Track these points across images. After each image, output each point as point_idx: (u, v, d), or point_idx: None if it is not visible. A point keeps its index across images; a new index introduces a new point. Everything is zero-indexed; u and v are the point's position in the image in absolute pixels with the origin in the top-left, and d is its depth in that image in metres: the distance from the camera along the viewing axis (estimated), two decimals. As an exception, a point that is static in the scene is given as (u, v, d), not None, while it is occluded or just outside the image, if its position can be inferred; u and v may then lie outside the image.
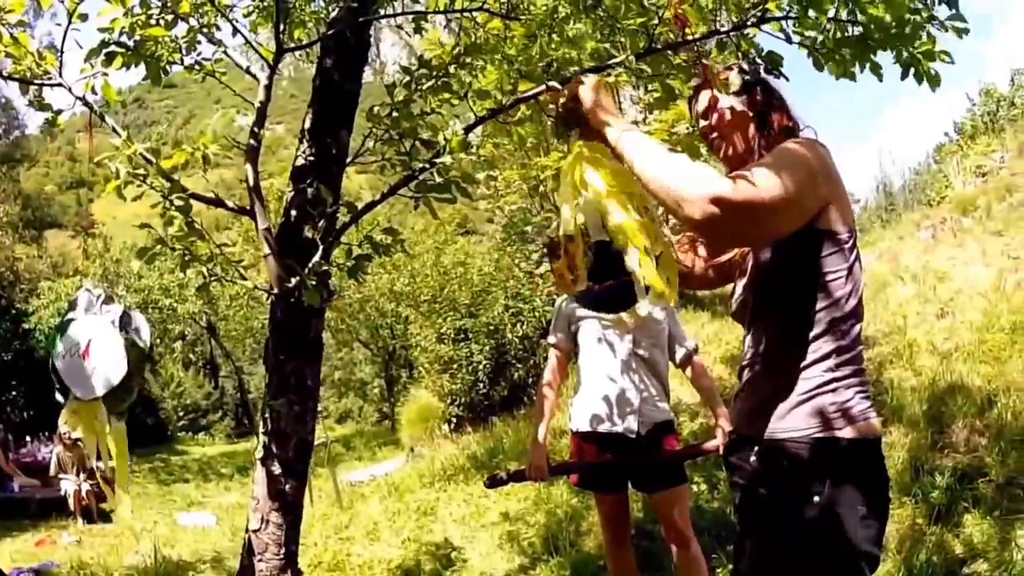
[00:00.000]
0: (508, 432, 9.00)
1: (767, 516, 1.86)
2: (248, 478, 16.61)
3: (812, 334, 1.81)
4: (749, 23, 2.59)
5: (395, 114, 2.70)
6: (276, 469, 2.73)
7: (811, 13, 2.45)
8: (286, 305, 2.75)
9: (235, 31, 3.17)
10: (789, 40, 2.60)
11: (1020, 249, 7.46)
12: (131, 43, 2.82)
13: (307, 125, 3.03)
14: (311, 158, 2.94)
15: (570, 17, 2.98)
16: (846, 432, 1.76)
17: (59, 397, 3.86)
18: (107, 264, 22.25)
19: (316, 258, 2.62)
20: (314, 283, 2.52)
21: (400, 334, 20.74)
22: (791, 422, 1.81)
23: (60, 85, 2.80)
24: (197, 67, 3.14)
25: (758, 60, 2.55)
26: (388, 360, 23.79)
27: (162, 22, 2.84)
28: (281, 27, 2.90)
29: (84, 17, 2.72)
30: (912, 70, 2.55)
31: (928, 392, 5.34)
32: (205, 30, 3.03)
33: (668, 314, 3.96)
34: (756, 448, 1.89)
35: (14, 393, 18.50)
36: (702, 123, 2.16)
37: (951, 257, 7.82)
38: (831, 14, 2.42)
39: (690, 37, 2.47)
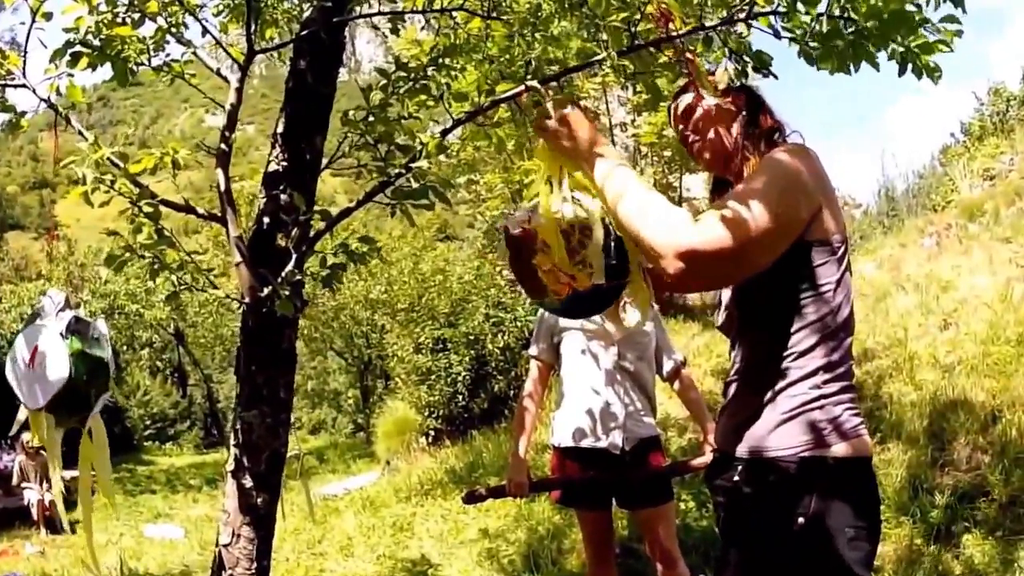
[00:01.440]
0: (488, 446, 8.96)
1: (751, 534, 1.84)
2: (217, 490, 16.50)
3: (800, 348, 1.79)
4: (736, 19, 2.54)
5: (371, 118, 2.69)
6: (248, 482, 2.71)
7: (800, 7, 2.44)
8: (258, 315, 2.73)
9: (204, 31, 3.13)
10: (778, 36, 2.55)
11: (1031, 254, 7.35)
12: (97, 43, 2.77)
13: (280, 129, 2.97)
14: (284, 163, 2.89)
15: (554, 16, 2.95)
16: (837, 449, 1.74)
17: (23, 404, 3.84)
18: (71, 268, 22.05)
19: (289, 267, 2.60)
20: (287, 293, 2.52)
21: (376, 343, 20.61)
22: (778, 439, 1.78)
23: (24, 86, 2.76)
24: (165, 68, 3.10)
25: (746, 59, 2.54)
26: (363, 370, 23.67)
27: (129, 21, 2.78)
28: (252, 27, 2.88)
29: (48, 16, 2.69)
30: (910, 65, 2.51)
31: (929, 407, 5.28)
32: (174, 30, 2.99)
33: (655, 325, 3.94)
34: (741, 465, 1.87)
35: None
36: (681, 128, 2.15)
37: (956, 265, 7.71)
38: (822, 8, 2.39)
39: (674, 33, 2.44)
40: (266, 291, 2.56)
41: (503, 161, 11.23)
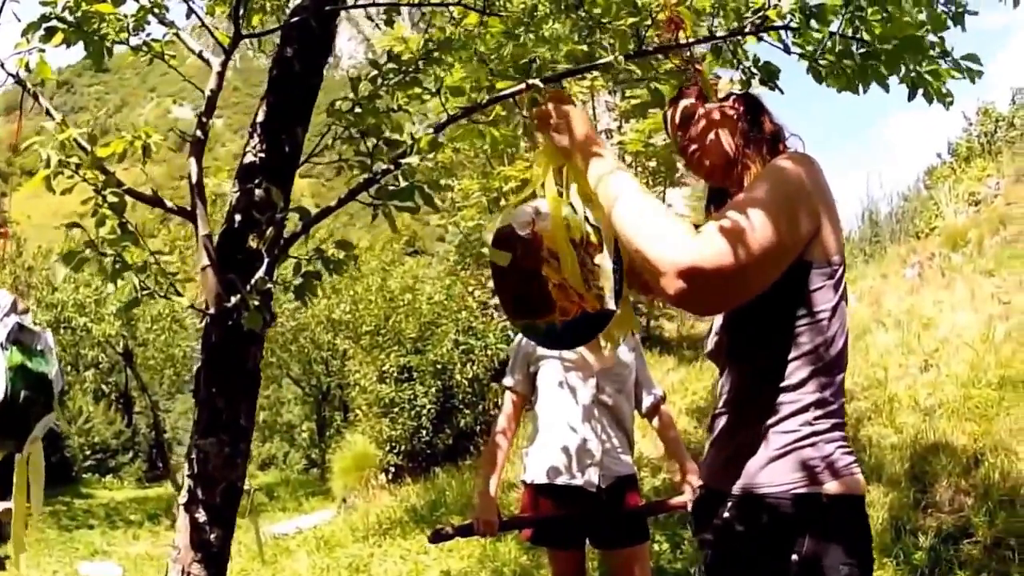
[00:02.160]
0: (452, 484, 8.86)
1: (743, 573, 1.81)
2: (159, 526, 16.12)
3: (793, 381, 1.77)
4: (746, 31, 2.58)
5: (358, 109, 2.60)
6: (201, 516, 2.58)
7: (813, 24, 2.46)
8: (223, 328, 2.61)
9: (190, 11, 3.05)
10: (788, 51, 2.60)
11: (1012, 292, 7.53)
12: (73, 19, 2.67)
13: (259, 119, 2.88)
14: (261, 155, 2.80)
15: (549, 17, 2.95)
16: (831, 487, 1.72)
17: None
18: (18, 272, 21.10)
19: (260, 273, 2.49)
20: (256, 303, 2.40)
21: (336, 370, 20.22)
22: (770, 476, 1.77)
23: (-9, 59, 2.65)
24: (145, 48, 3.00)
25: (753, 71, 2.56)
26: (321, 400, 23.29)
27: (110, -2, 2.72)
28: (240, 10, 2.80)
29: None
30: (920, 90, 2.57)
31: (910, 450, 5.36)
32: (156, 10, 2.90)
33: (636, 356, 3.91)
34: (731, 502, 1.84)
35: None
36: (679, 136, 2.12)
37: (938, 301, 7.86)
38: (834, 27, 2.43)
39: (683, 41, 2.44)
40: (233, 300, 2.43)
41: (481, 166, 11.12)
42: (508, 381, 3.92)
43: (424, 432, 10.25)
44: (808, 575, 1.70)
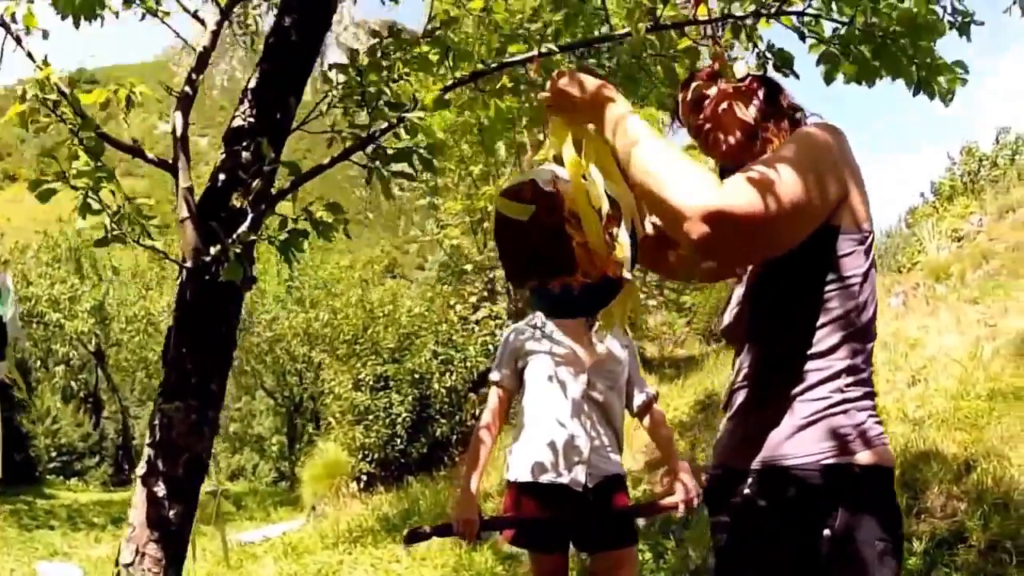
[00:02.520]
0: (425, 493, 8.62)
1: (768, 554, 1.63)
2: (123, 530, 15.59)
3: (822, 348, 1.63)
4: (766, 13, 2.56)
5: (359, 73, 2.43)
6: (160, 489, 2.32)
7: (835, 8, 2.49)
8: (199, 284, 2.37)
9: None
10: (803, 37, 2.60)
11: (998, 317, 7.44)
12: None
13: (251, 85, 2.79)
14: (251, 120, 2.64)
15: None
16: (863, 457, 1.58)
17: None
18: None
19: (245, 226, 2.29)
20: (237, 253, 2.18)
21: (310, 382, 19.94)
22: (796, 446, 1.61)
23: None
24: (138, 3, 2.85)
25: (768, 55, 2.57)
26: (293, 411, 22.89)
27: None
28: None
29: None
30: (924, 87, 2.62)
31: (900, 459, 5.18)
32: None
33: (629, 354, 3.70)
34: (752, 478, 1.67)
35: None
36: (692, 118, 1.97)
37: (923, 325, 7.76)
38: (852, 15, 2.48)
39: (702, 17, 2.36)
40: (213, 251, 2.21)
41: (468, 188, 10.95)
42: (495, 376, 3.69)
43: (399, 440, 9.95)
44: (841, 552, 1.54)
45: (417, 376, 10.01)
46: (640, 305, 3.06)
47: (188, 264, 2.35)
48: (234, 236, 2.25)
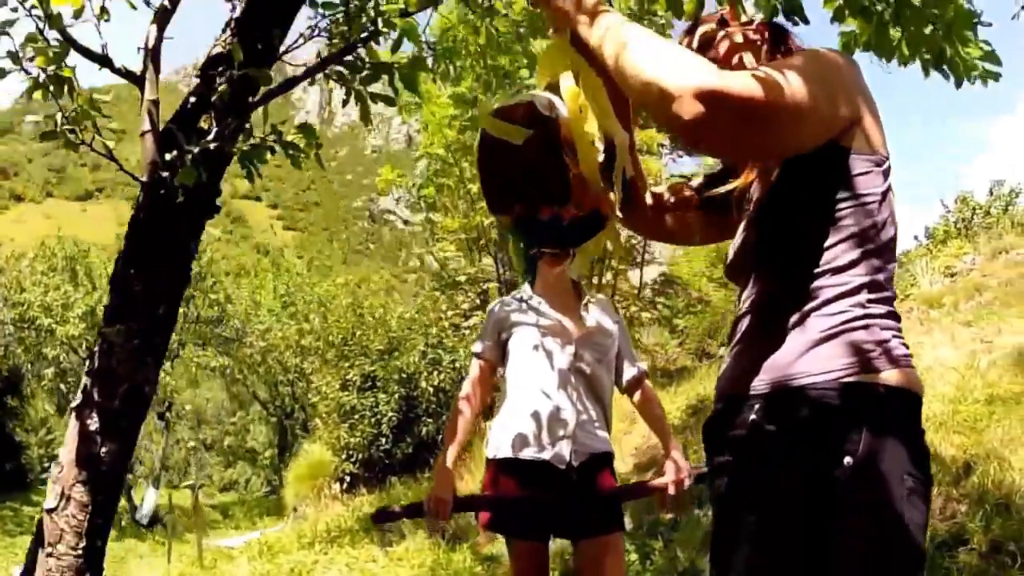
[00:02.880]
0: (408, 495, 8.26)
1: (778, 485, 1.36)
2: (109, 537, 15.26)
3: (838, 264, 1.42)
4: None
5: None
6: (93, 423, 2.05)
7: None
8: (154, 200, 2.14)
9: None
10: None
11: (992, 335, 7.24)
12: None
13: (235, 15, 2.60)
14: (229, 47, 2.43)
15: None
16: (888, 376, 1.35)
17: None
18: None
19: (212, 137, 2.07)
20: (194, 157, 1.95)
21: (302, 393, 19.69)
22: (810, 363, 1.37)
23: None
24: None
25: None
26: (284, 419, 22.56)
27: None
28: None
29: None
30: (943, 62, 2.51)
31: None
32: None
33: (620, 330, 3.44)
34: (759, 403, 1.42)
35: None
36: None
37: (918, 342, 7.53)
38: None
39: None
40: (169, 157, 1.99)
41: (466, 207, 10.76)
42: (477, 347, 3.42)
43: (384, 440, 9.61)
44: (861, 483, 1.29)
45: (404, 375, 9.69)
46: (620, 242, 2.81)
47: (143, 178, 2.11)
48: (198, 146, 2.02)
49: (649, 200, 1.85)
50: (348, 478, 9.73)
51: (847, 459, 1.29)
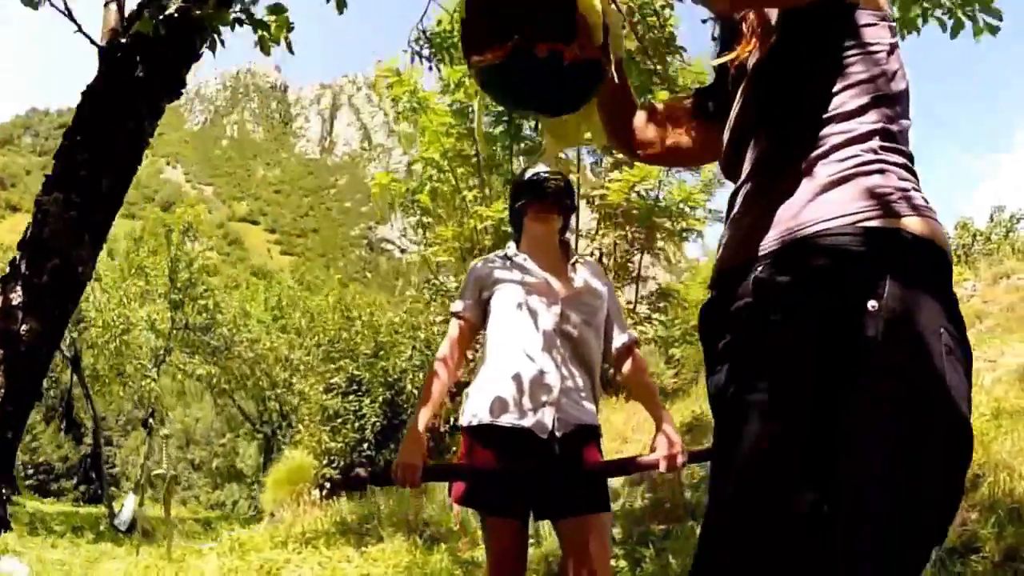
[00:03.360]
0: (389, 502, 7.92)
1: (787, 343, 1.12)
2: (82, 539, 14.81)
3: (846, 111, 1.25)
4: None
5: None
6: (16, 297, 1.77)
7: None
8: (112, 67, 1.91)
9: None
10: None
11: (996, 356, 7.04)
12: None
13: None
14: None
15: None
16: (912, 223, 1.15)
17: None
18: None
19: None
20: (149, 7, 1.72)
21: (290, 410, 19.33)
22: (822, 208, 1.18)
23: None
24: None
25: None
26: (271, 435, 22.14)
27: None
28: None
29: None
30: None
31: None
32: None
33: (609, 292, 3.17)
34: (764, 264, 1.21)
35: None
36: None
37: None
38: None
39: None
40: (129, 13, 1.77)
41: (459, 216, 10.54)
42: (456, 306, 3.13)
43: (366, 445, 9.21)
44: (894, 332, 1.07)
45: (391, 379, 9.34)
46: (601, 131, 2.55)
47: (102, 44, 1.88)
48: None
49: (644, 119, 1.73)
50: (328, 484, 9.36)
51: (871, 303, 1.07)
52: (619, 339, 3.13)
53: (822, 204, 1.17)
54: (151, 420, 15.51)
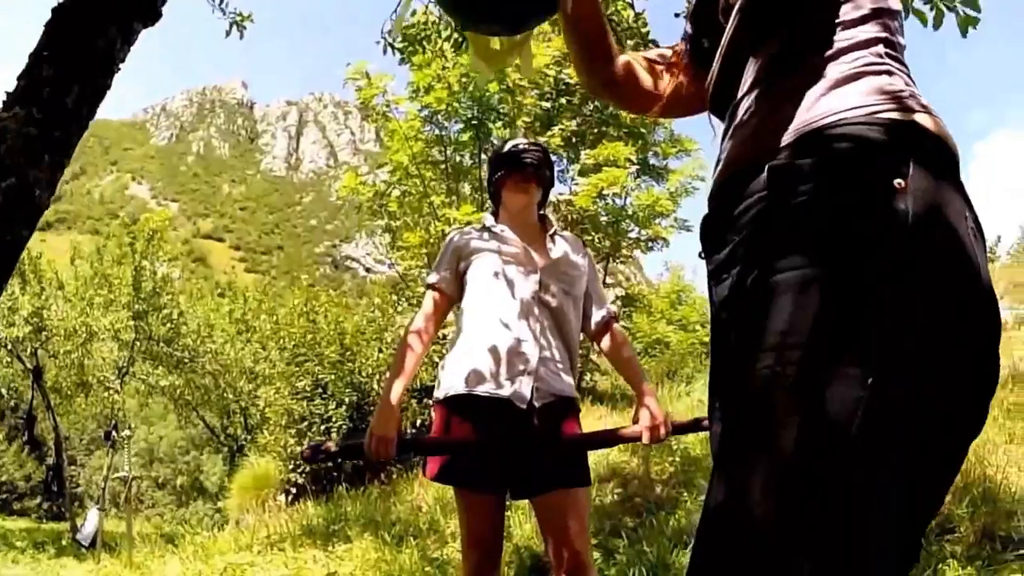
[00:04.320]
0: (356, 504, 7.70)
1: (818, 226, 1.06)
2: (43, 554, 14.34)
3: (848, 19, 1.23)
4: None
5: None
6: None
7: None
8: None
9: None
10: None
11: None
12: None
13: None
14: None
15: None
16: (924, 119, 1.12)
17: None
18: None
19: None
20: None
21: (255, 424, 18.93)
22: (836, 101, 1.14)
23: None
24: None
25: None
26: (236, 450, 21.67)
27: None
28: None
29: None
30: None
31: None
32: None
33: (589, 264, 3.07)
34: (778, 160, 1.13)
35: None
36: None
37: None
38: None
39: None
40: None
41: (427, 222, 10.39)
42: (432, 278, 3.01)
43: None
44: (920, 214, 1.03)
45: (357, 382, 9.10)
46: (531, 65, 2.46)
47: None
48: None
49: (631, 63, 1.66)
50: (294, 489, 9.07)
51: (898, 181, 1.04)
52: (598, 314, 3.05)
53: (837, 96, 1.14)
54: (114, 432, 15.13)
